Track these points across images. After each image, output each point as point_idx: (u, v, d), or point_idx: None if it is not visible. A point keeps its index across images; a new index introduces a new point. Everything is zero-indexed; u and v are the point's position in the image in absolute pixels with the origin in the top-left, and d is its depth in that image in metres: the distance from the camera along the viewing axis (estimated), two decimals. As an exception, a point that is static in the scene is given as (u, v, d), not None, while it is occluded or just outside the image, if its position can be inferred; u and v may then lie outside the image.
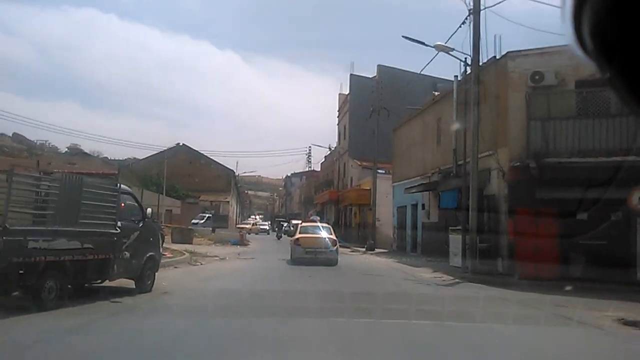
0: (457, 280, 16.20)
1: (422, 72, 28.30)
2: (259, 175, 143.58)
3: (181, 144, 71.05)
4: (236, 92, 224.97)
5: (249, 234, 56.17)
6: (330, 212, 53.33)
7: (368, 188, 36.13)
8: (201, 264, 17.90)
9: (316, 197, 60.94)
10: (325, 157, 60.50)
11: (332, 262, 19.03)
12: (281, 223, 54.92)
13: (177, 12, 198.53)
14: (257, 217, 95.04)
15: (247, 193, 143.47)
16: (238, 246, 31.44)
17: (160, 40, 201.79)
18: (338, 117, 51.72)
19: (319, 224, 23.81)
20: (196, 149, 71.85)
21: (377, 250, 29.43)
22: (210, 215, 53.86)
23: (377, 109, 31.36)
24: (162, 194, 57.64)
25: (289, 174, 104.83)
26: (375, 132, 31.54)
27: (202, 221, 51.04)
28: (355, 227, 41.01)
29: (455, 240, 19.22)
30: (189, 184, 69.61)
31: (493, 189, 18.21)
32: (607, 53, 1.01)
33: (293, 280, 14.57)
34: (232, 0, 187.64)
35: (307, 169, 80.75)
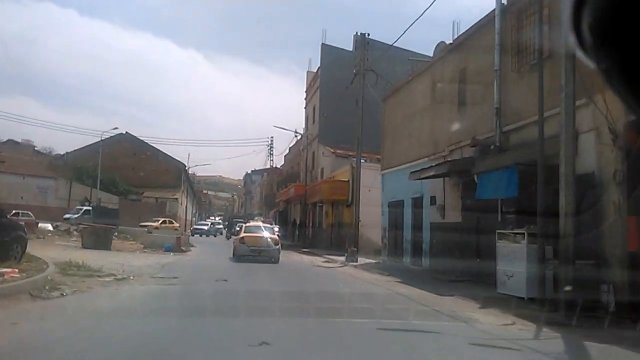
0: (548, 332, 8.38)
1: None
2: (220, 176, 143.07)
3: (124, 132, 61.76)
4: (197, 90, 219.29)
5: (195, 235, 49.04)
6: (295, 211, 45.19)
7: (345, 179, 28.25)
8: (61, 294, 9.54)
9: (278, 195, 52.74)
10: (289, 148, 52.43)
11: (274, 260, 20.06)
12: (236, 224, 48.36)
13: (140, 10, 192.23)
14: (217, 218, 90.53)
15: (207, 194, 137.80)
16: (171, 253, 23.08)
17: (122, 37, 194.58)
18: (305, 98, 43.71)
19: (261, 224, 25.86)
20: (141, 138, 62.66)
21: (360, 259, 21.58)
22: (90, 207, 41.36)
23: (361, 71, 23.34)
24: (97, 187, 48.61)
25: (248, 171, 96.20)
26: (360, 102, 23.53)
27: (76, 215, 38.12)
28: (327, 229, 33.05)
29: (508, 251, 11.51)
30: (132, 178, 60.44)
31: (588, 162, 10.48)
32: (606, 50, 1.00)
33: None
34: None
35: (269, 166, 72.33)
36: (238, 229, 33.36)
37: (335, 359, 6.16)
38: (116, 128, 47.65)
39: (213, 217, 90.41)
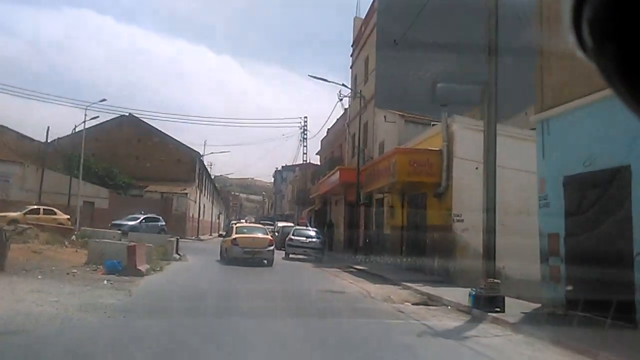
0: None
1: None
2: (252, 178, 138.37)
3: (127, 114, 50.98)
4: (232, 96, 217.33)
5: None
6: (337, 209, 33.25)
7: (435, 149, 16.30)
8: None
9: (314, 189, 40.99)
10: (327, 130, 40.54)
11: (268, 262, 18.71)
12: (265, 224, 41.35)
13: (174, 16, 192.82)
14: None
15: (239, 196, 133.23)
16: (112, 279, 11.72)
17: (157, 44, 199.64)
18: (352, 54, 31.75)
19: (254, 224, 29.09)
20: (148, 122, 51.72)
21: (451, 287, 9.59)
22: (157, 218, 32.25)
23: None
24: (79, 178, 37.78)
25: (278, 167, 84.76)
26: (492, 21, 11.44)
27: (133, 223, 29.89)
28: (393, 235, 20.93)
29: None
30: (136, 169, 49.63)
31: None
32: (606, 49, 0.99)
33: None
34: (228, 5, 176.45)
35: (302, 152, 60.61)
36: (277, 233, 29.72)
37: None
38: (104, 100, 35.69)
39: (244, 221, 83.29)
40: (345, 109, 31.91)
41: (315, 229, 25.93)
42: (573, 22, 0.99)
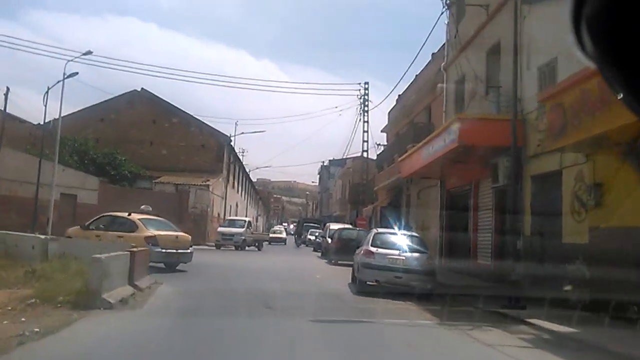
0: None
1: None
2: (294, 181, 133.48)
3: (140, 89, 40.70)
4: (273, 100, 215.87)
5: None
6: (425, 204, 21.71)
7: None
8: None
9: (378, 178, 29.66)
10: (397, 98, 29.04)
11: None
12: (308, 229, 45.07)
13: (214, 22, 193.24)
14: (290, 225, 78.37)
15: (281, 198, 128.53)
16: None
17: (199, 49, 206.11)
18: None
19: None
20: (166, 99, 41.32)
21: None
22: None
23: None
24: (55, 161, 27.38)
25: (324, 162, 73.43)
26: None
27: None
28: (614, 253, 9.16)
29: None
30: (149, 157, 39.43)
31: None
32: (605, 50, 0.98)
33: None
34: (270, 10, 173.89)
35: (363, 122, 49.23)
36: (330, 239, 25.50)
37: None
38: (89, 52, 25.09)
39: (285, 224, 77.40)
40: (442, 47, 20.42)
41: (413, 234, 14.48)
42: (573, 23, 0.97)
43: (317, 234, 41.25)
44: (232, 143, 40.67)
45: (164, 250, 13.87)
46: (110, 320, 7.11)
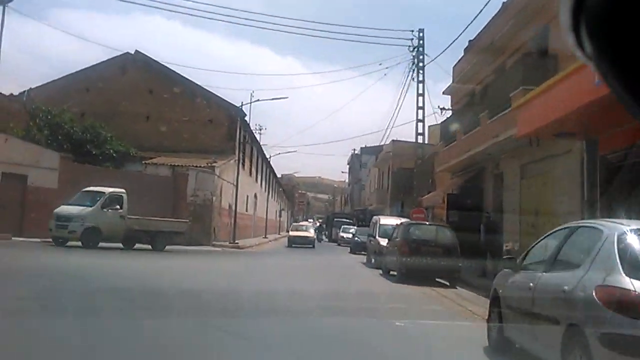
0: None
1: None
2: (319, 177, 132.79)
3: (133, 51, 32.98)
4: (298, 97, 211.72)
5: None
6: (532, 183, 13.37)
7: None
8: None
9: (443, 156, 21.35)
10: (469, 42, 20.59)
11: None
12: (340, 225, 40.74)
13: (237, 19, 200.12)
14: (317, 221, 72.33)
15: (306, 194, 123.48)
16: None
17: (222, 46, 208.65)
18: None
19: None
20: (165, 64, 33.50)
21: None
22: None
23: None
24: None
25: (355, 150, 65.04)
26: None
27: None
28: None
29: None
30: (145, 135, 31.67)
31: None
32: (605, 50, 0.97)
33: None
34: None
35: (416, 108, 40.89)
36: (371, 239, 20.45)
37: None
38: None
39: (311, 220, 70.57)
40: None
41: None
42: (572, 24, 0.97)
43: (352, 230, 33.65)
44: (246, 117, 32.59)
45: None
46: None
